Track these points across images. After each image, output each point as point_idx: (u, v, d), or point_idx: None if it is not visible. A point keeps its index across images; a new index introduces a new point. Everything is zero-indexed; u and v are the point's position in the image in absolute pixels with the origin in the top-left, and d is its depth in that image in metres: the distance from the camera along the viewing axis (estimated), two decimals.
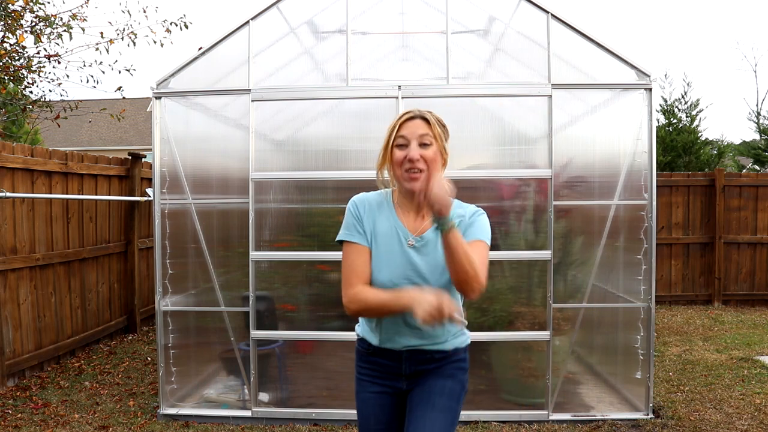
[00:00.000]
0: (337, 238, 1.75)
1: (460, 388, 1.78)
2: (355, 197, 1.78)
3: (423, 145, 1.65)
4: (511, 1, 3.73)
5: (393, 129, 1.68)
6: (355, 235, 1.72)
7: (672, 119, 9.80)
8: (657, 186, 3.92)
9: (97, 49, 6.91)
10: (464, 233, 1.66)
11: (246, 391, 3.77)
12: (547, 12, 3.60)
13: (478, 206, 1.79)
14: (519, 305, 3.66)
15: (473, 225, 1.72)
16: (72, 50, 7.62)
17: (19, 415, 3.79)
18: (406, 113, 1.69)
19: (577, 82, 3.62)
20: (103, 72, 7.06)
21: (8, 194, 4.19)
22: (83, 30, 7.11)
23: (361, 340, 1.85)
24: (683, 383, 4.38)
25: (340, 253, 1.76)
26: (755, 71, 35.91)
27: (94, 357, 5.21)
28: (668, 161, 9.39)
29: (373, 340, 1.78)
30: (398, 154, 1.66)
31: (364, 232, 1.72)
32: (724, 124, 38.57)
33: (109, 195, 5.71)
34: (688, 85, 10.30)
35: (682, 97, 9.81)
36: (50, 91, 7.73)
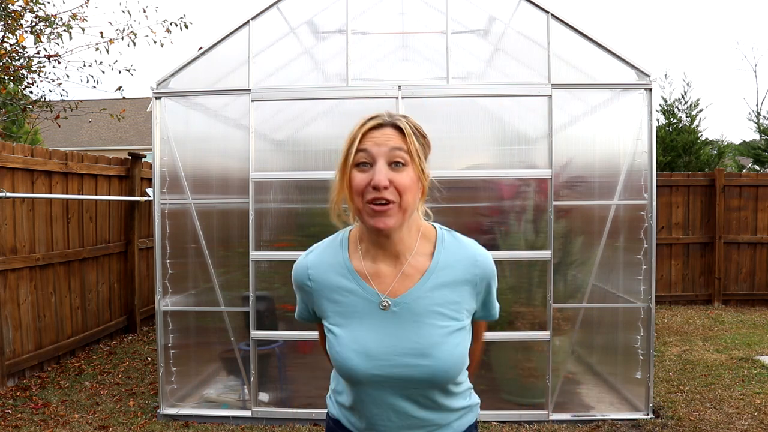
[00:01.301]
0: (296, 316, 1.39)
1: None
2: (296, 266, 1.30)
3: (394, 164, 1.12)
4: (511, 1, 3.73)
5: (352, 141, 1.15)
6: (308, 315, 1.34)
7: (672, 119, 9.80)
8: (657, 186, 3.92)
9: (97, 49, 6.92)
10: (483, 304, 1.27)
11: (246, 391, 3.77)
12: (547, 12, 3.60)
13: (462, 237, 1.30)
14: (519, 305, 3.66)
15: (491, 293, 1.28)
16: (72, 50, 7.63)
17: (19, 415, 3.79)
18: (371, 118, 1.17)
19: (577, 82, 3.62)
20: (103, 72, 7.06)
21: (8, 194, 4.19)
22: (83, 30, 7.12)
23: (335, 421, 1.36)
24: (683, 383, 4.38)
25: None
26: (755, 71, 35.94)
27: (94, 357, 5.21)
28: (668, 161, 9.39)
29: (350, 425, 1.31)
30: (358, 177, 1.13)
31: (309, 308, 1.31)
32: (724, 124, 38.58)
33: (109, 195, 5.71)
34: (688, 85, 10.30)
35: (682, 97, 9.81)
36: (50, 91, 7.75)
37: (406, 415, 1.21)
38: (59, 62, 6.93)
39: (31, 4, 6.46)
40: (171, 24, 7.19)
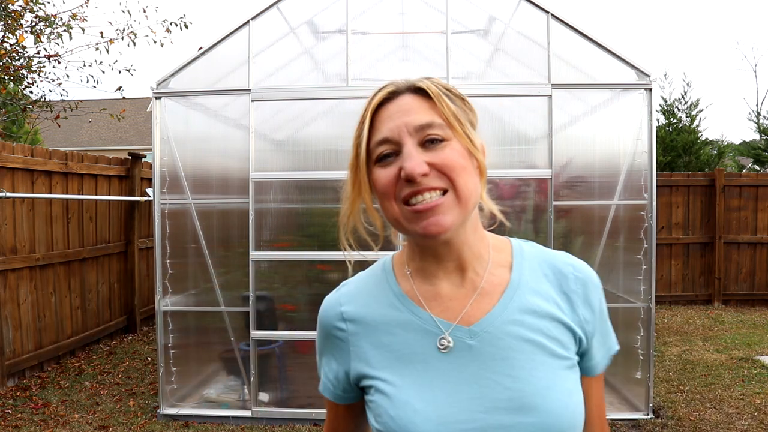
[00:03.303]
0: (319, 388, 0.94)
1: None
2: (325, 305, 0.92)
3: (429, 142, 0.77)
4: (511, 1, 3.73)
5: (362, 129, 0.81)
6: (323, 382, 0.92)
7: (672, 119, 9.80)
8: (657, 186, 3.92)
9: (97, 49, 6.92)
10: (593, 339, 0.85)
11: (246, 391, 3.77)
12: (547, 12, 3.60)
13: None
14: None
15: (605, 320, 0.88)
16: (72, 50, 7.63)
17: (19, 415, 3.79)
18: (380, 90, 0.83)
19: (577, 82, 3.62)
20: (103, 72, 7.07)
21: (8, 194, 4.19)
22: (83, 30, 7.13)
23: None
24: (683, 383, 4.38)
25: (340, 253, 0.94)
26: (755, 71, 35.94)
27: (94, 357, 5.21)
28: (668, 161, 9.40)
29: None
30: (383, 175, 0.78)
31: (337, 376, 0.89)
32: (724, 124, 38.59)
33: (109, 195, 5.71)
34: (688, 85, 10.29)
35: (682, 97, 9.81)
36: (50, 91, 7.75)
37: None
38: (59, 62, 6.94)
39: (31, 4, 6.46)
40: (171, 24, 7.19)
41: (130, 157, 6.03)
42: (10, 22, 6.42)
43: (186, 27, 7.25)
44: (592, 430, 0.88)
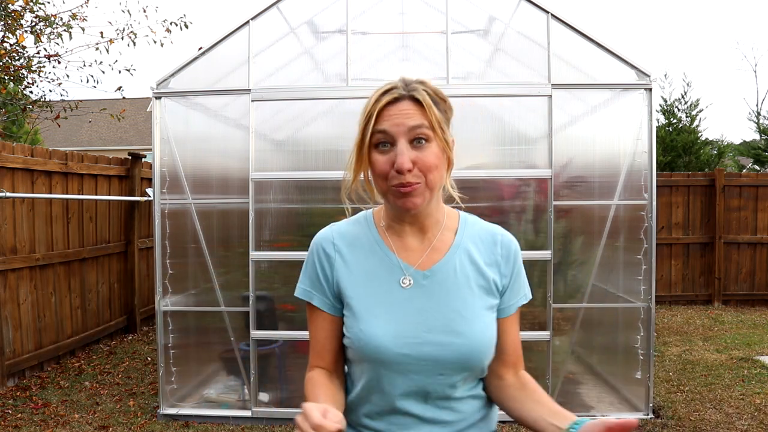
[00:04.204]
0: (295, 292, 1.20)
1: None
2: (319, 234, 1.22)
3: (416, 140, 1.05)
4: (511, 1, 3.73)
5: (369, 120, 1.07)
6: (316, 295, 1.16)
7: (672, 119, 9.80)
8: (657, 186, 3.92)
9: (97, 49, 6.92)
10: (507, 290, 1.16)
11: (246, 391, 3.77)
12: (547, 12, 3.60)
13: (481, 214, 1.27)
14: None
15: (520, 275, 1.19)
16: (72, 50, 7.63)
17: (19, 415, 3.79)
18: (386, 91, 1.09)
19: (577, 82, 3.62)
20: (103, 72, 7.07)
21: (8, 194, 4.19)
22: (83, 30, 7.12)
23: None
24: (683, 383, 4.38)
25: None
26: (755, 71, 35.98)
27: (94, 357, 5.21)
28: (668, 161, 9.40)
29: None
30: (380, 161, 1.07)
31: (329, 291, 1.15)
32: (724, 124, 38.60)
33: (109, 195, 5.71)
34: (688, 85, 10.29)
35: (682, 97, 9.80)
36: (50, 91, 7.75)
37: (430, 403, 1.10)
38: (59, 62, 6.94)
39: (31, 4, 6.46)
40: (171, 24, 7.19)
41: (130, 157, 6.03)
42: (10, 22, 6.42)
43: (186, 27, 7.25)
44: (510, 358, 1.17)
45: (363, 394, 1.13)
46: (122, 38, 7.04)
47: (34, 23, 6.62)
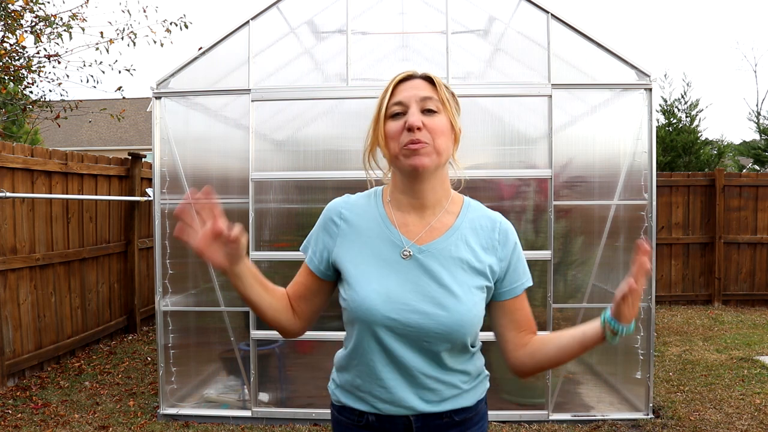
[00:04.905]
0: (301, 247, 1.33)
1: None
2: (333, 202, 1.31)
3: (427, 111, 1.17)
4: (511, 1, 3.73)
5: (385, 95, 1.20)
6: (309, 249, 1.29)
7: (672, 119, 9.80)
8: (657, 186, 3.92)
9: (97, 49, 6.93)
10: (508, 272, 1.25)
11: (246, 391, 3.77)
12: (547, 12, 3.60)
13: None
14: None
15: (521, 260, 1.28)
16: (72, 50, 7.64)
17: (19, 415, 3.79)
18: (402, 72, 1.22)
19: (577, 82, 3.62)
20: (103, 72, 7.07)
21: (8, 194, 4.19)
22: (83, 30, 7.12)
23: (342, 408, 1.29)
24: (683, 383, 4.38)
25: None
26: (755, 71, 36.03)
27: (94, 357, 5.21)
28: (668, 161, 9.40)
29: (362, 404, 1.24)
30: (393, 125, 1.18)
31: (321, 255, 1.26)
32: (724, 124, 38.63)
33: (109, 195, 5.71)
34: (687, 85, 10.30)
35: (682, 97, 9.81)
36: (50, 91, 7.76)
37: (413, 372, 1.18)
38: (59, 62, 6.94)
39: (31, 4, 6.46)
40: (171, 24, 7.19)
41: (130, 157, 6.03)
42: (10, 22, 6.42)
43: (186, 27, 7.26)
44: (527, 327, 1.30)
45: (353, 356, 1.24)
46: (122, 38, 7.05)
47: (34, 23, 6.62)
